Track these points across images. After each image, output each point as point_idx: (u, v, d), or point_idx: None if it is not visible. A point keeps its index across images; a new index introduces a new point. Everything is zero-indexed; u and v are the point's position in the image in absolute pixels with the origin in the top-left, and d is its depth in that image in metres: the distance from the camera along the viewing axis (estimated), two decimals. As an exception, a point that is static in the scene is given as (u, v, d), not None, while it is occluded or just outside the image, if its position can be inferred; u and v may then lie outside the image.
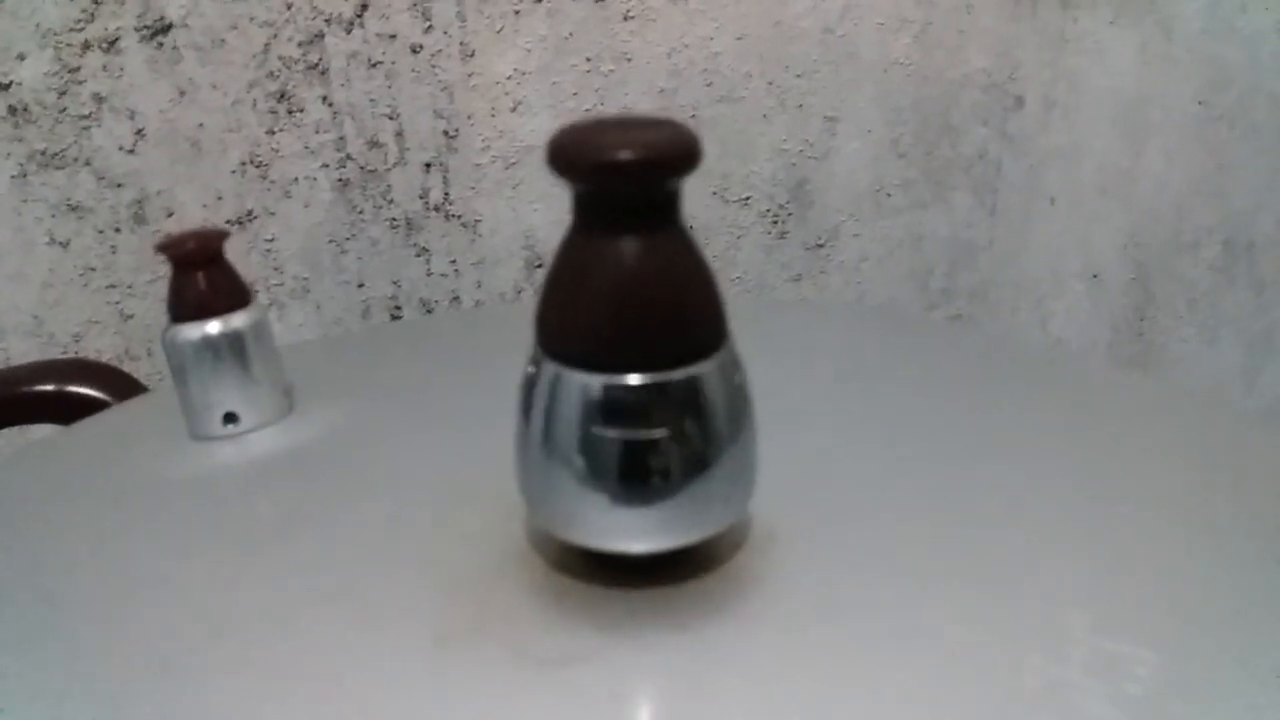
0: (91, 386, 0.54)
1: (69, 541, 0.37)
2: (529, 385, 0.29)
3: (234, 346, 0.42)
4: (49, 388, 0.54)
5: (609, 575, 0.31)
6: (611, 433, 0.28)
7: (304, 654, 0.29)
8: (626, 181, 0.26)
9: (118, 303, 0.86)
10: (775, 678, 0.28)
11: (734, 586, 0.30)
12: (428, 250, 0.90)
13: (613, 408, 0.28)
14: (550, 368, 0.28)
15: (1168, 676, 0.27)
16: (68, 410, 0.53)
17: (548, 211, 0.91)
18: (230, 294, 0.42)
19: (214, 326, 0.41)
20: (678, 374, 0.28)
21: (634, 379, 0.27)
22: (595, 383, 0.28)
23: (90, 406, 0.53)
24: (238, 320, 0.42)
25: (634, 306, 0.27)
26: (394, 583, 0.32)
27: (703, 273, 0.29)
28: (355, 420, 0.44)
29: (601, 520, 0.29)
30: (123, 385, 0.55)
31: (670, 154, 0.26)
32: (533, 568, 0.32)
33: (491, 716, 0.26)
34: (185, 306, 0.41)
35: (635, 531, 0.29)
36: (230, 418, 0.43)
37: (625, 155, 0.26)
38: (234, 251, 0.42)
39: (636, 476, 0.28)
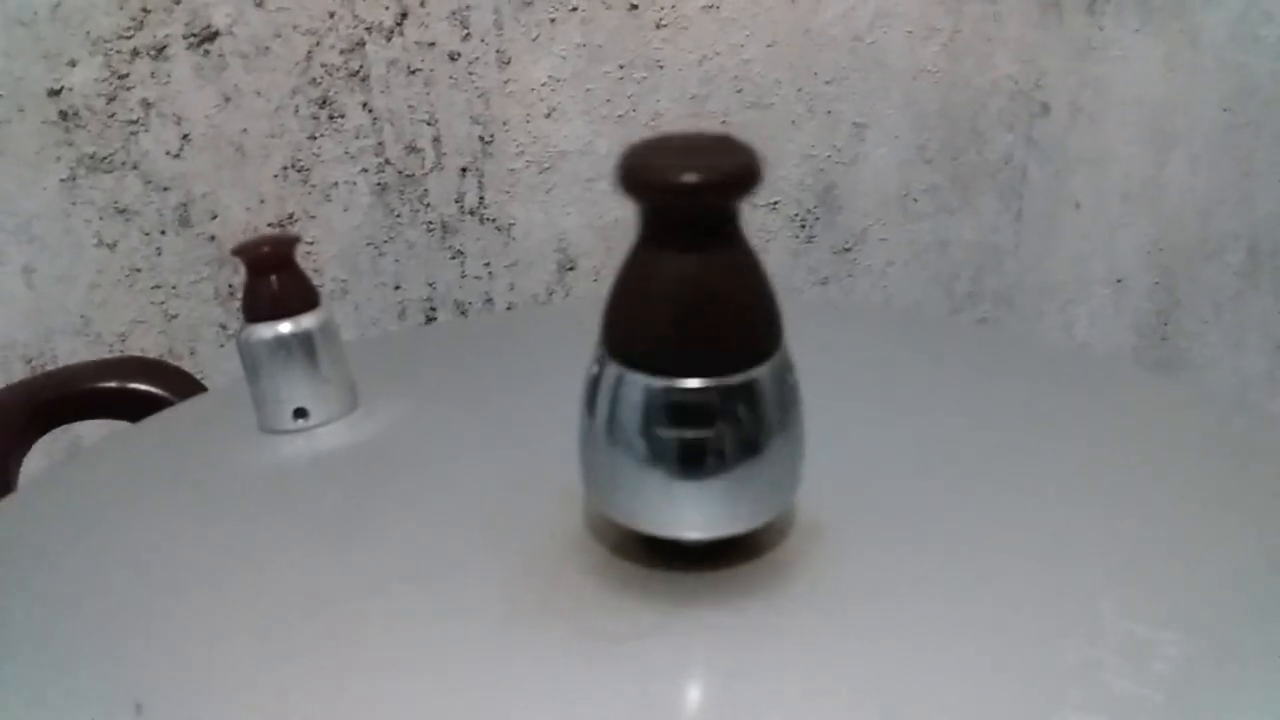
0: (153, 384, 0.56)
1: (155, 526, 0.39)
2: (593, 384, 0.31)
3: (304, 345, 0.44)
4: (112, 385, 0.57)
5: (665, 560, 0.33)
6: (671, 432, 0.30)
7: (382, 631, 0.32)
8: (692, 203, 0.28)
9: (162, 303, 0.88)
10: (818, 655, 0.30)
11: (781, 571, 0.33)
12: (463, 253, 0.92)
13: (673, 409, 0.30)
14: (614, 369, 0.30)
15: (1193, 657, 0.28)
16: (131, 407, 0.56)
17: (579, 216, 0.93)
18: (301, 296, 0.44)
19: (286, 326, 0.43)
20: (734, 379, 0.30)
21: (693, 383, 0.29)
22: (657, 385, 0.30)
23: (152, 403, 0.56)
24: (308, 320, 0.44)
25: (695, 318, 0.29)
26: (463, 566, 0.34)
27: (760, 283, 0.30)
28: (416, 416, 0.46)
29: (660, 509, 0.31)
30: (183, 383, 0.57)
31: (734, 177, 0.28)
32: (593, 553, 0.34)
33: (558, 686, 0.29)
34: (259, 308, 0.43)
35: (691, 520, 0.31)
36: (300, 412, 0.45)
37: (691, 179, 0.28)
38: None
39: (693, 470, 0.30)
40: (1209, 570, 0.33)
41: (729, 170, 0.28)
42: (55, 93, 0.81)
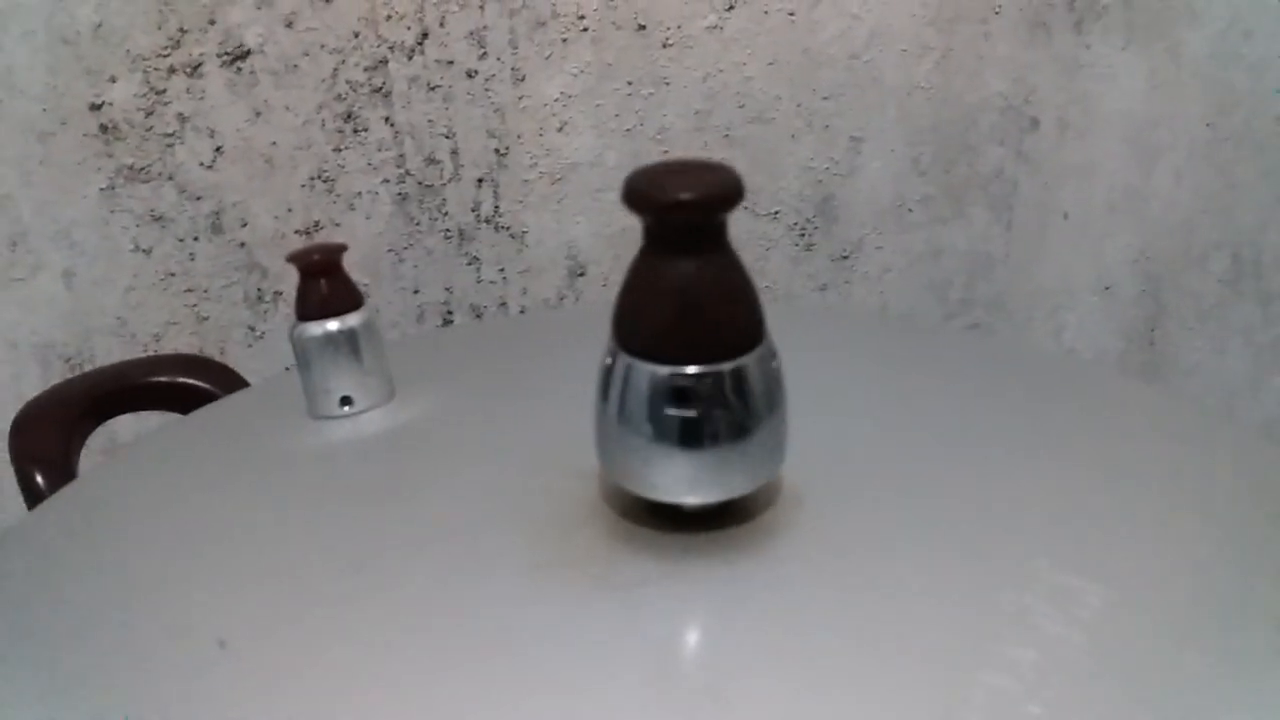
0: (201, 379, 0.61)
1: (224, 499, 0.45)
2: (606, 373, 0.37)
3: (350, 341, 0.49)
4: (163, 379, 0.62)
5: (668, 524, 0.38)
6: (673, 411, 0.35)
7: (424, 582, 0.37)
8: (688, 215, 0.34)
9: (194, 305, 0.92)
10: (797, 604, 0.35)
11: (766, 534, 0.38)
12: (478, 259, 0.97)
13: (674, 391, 0.35)
14: (624, 360, 0.36)
15: (1114, 605, 0.33)
16: (180, 400, 0.61)
17: (589, 224, 0.97)
18: (347, 297, 0.49)
19: (333, 324, 0.49)
20: (726, 365, 0.35)
21: (692, 369, 0.35)
22: (661, 372, 0.35)
23: (200, 397, 0.61)
24: (353, 319, 0.49)
25: (692, 313, 0.35)
26: (492, 529, 0.39)
27: (745, 284, 0.36)
28: (448, 404, 0.51)
29: (664, 478, 0.36)
30: (227, 378, 0.62)
31: (719, 193, 0.34)
32: (606, 517, 0.39)
33: (573, 626, 0.34)
34: (310, 308, 0.49)
35: (690, 486, 0.36)
36: (346, 400, 0.50)
37: (685, 195, 0.33)
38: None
39: (692, 444, 0.35)
40: (1141, 538, 0.38)
41: (715, 188, 0.34)
42: (96, 107, 0.86)
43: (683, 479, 0.36)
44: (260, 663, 0.33)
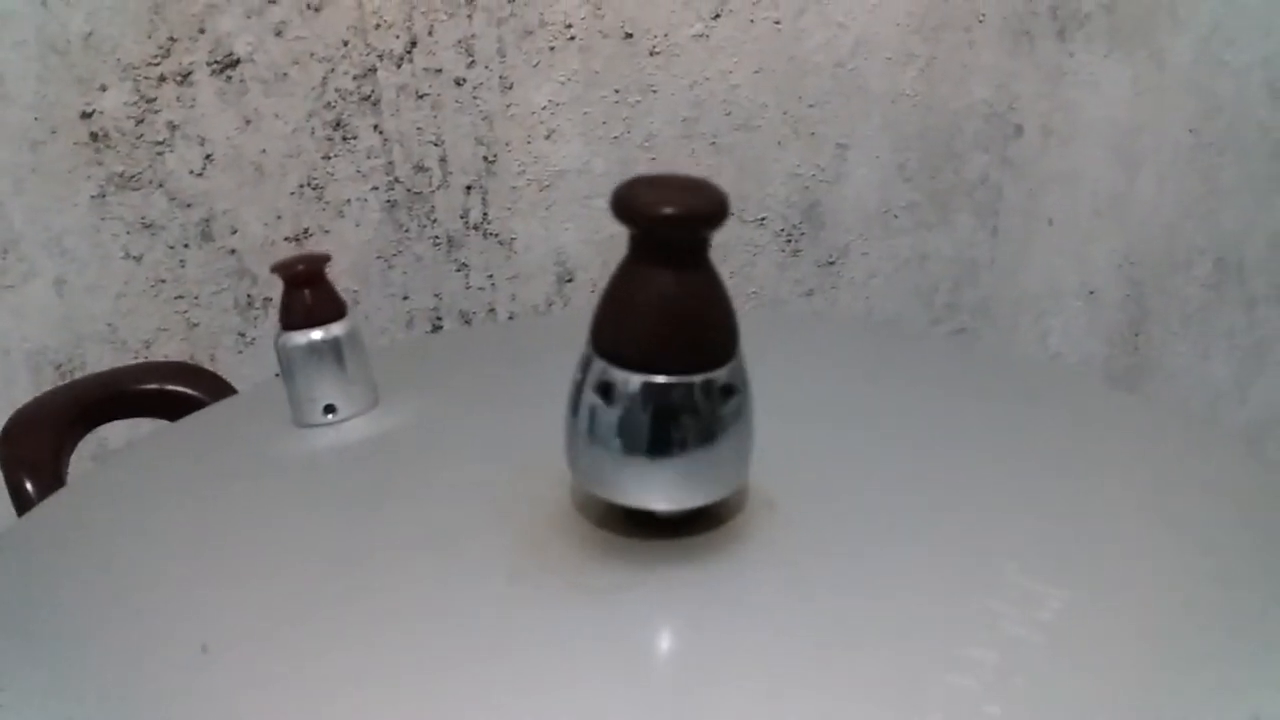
0: (189, 386, 0.62)
1: (208, 506, 0.46)
2: (579, 381, 0.37)
3: (334, 350, 0.50)
4: (152, 387, 0.63)
5: (641, 530, 0.39)
6: (644, 418, 0.36)
7: (404, 588, 0.38)
8: (673, 229, 0.35)
9: (185, 312, 0.93)
10: (766, 606, 0.36)
11: (736, 539, 0.39)
12: (467, 266, 0.97)
13: (646, 400, 0.36)
14: (599, 365, 0.37)
15: (1074, 608, 0.34)
16: (169, 407, 0.61)
17: (577, 231, 0.98)
18: (331, 307, 0.50)
19: (318, 334, 0.50)
20: (697, 377, 0.36)
21: (663, 379, 0.36)
22: (635, 380, 0.36)
23: (188, 404, 0.61)
24: (337, 328, 0.50)
25: (668, 325, 0.36)
26: (471, 535, 0.40)
27: (722, 300, 0.37)
28: (431, 411, 0.52)
29: (635, 485, 0.37)
30: (215, 386, 0.63)
31: (706, 212, 0.35)
32: (580, 524, 0.40)
33: (551, 629, 0.35)
34: (294, 317, 0.50)
35: (661, 494, 0.37)
36: (330, 408, 0.51)
37: (670, 210, 0.34)
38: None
39: (662, 452, 0.36)
40: (1110, 542, 0.39)
41: (700, 206, 0.35)
42: (87, 115, 0.86)
43: (654, 486, 0.37)
44: (242, 667, 0.34)
